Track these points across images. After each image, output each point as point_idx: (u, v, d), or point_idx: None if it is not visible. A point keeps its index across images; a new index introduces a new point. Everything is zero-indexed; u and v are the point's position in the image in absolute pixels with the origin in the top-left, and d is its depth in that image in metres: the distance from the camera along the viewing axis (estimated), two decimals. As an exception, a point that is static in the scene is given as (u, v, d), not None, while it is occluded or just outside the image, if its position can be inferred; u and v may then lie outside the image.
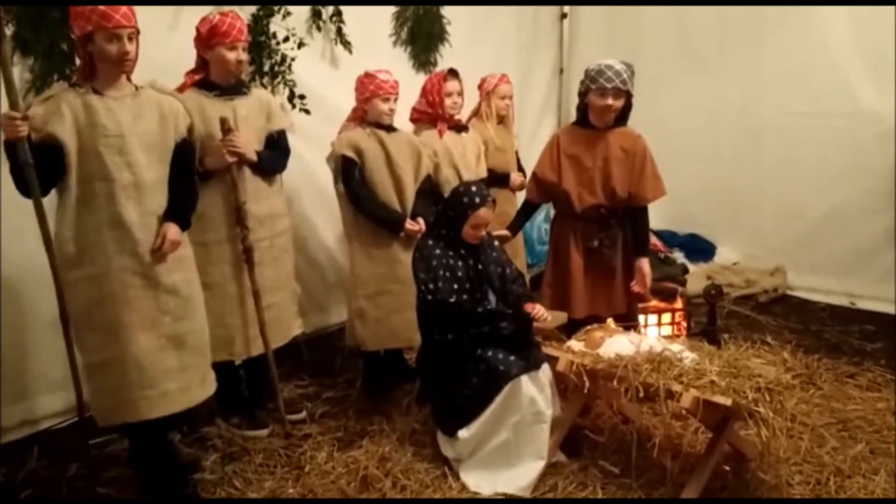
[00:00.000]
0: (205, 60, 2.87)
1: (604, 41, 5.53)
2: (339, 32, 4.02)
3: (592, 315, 3.16)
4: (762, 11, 4.83)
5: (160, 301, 2.46)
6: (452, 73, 3.52)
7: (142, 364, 2.42)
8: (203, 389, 2.63)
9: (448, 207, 2.86)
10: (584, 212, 3.13)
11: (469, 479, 2.69)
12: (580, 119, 3.20)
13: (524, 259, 4.14)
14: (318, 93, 3.86)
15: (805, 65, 4.67)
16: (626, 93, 3.04)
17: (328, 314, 4.28)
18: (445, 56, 4.68)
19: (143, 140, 2.40)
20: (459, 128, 3.65)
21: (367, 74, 3.20)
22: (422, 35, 4.58)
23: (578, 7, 5.78)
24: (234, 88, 2.90)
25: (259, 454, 2.93)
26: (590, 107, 3.10)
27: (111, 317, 2.39)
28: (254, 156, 2.87)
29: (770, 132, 4.94)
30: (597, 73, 3.00)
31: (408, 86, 3.49)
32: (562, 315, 3.33)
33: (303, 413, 3.27)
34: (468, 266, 2.83)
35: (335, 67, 4.09)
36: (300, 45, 3.73)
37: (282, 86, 3.73)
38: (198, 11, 2.97)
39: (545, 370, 2.74)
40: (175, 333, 2.50)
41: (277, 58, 3.68)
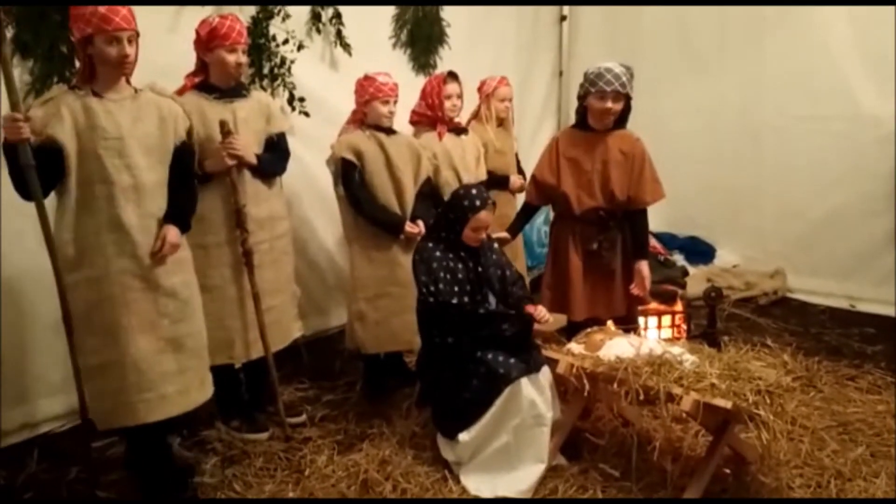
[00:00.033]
0: (204, 63, 2.87)
1: (603, 43, 5.53)
2: (339, 35, 4.02)
3: (592, 317, 3.16)
4: (762, 12, 4.83)
5: (159, 304, 2.46)
6: (452, 76, 3.52)
7: (140, 367, 2.42)
8: (201, 392, 2.63)
9: (448, 210, 2.86)
10: (583, 214, 3.13)
11: (469, 483, 2.68)
12: (579, 122, 3.20)
13: (524, 261, 4.14)
14: (318, 95, 3.86)
15: (805, 66, 4.67)
16: (626, 96, 3.04)
17: (328, 317, 4.28)
18: (445, 58, 4.69)
19: (143, 142, 2.40)
20: (459, 130, 3.65)
21: (367, 77, 3.20)
22: (421, 37, 4.59)
23: (578, 9, 5.78)
24: (234, 91, 2.90)
25: (259, 457, 2.93)
26: (589, 110, 3.10)
27: (110, 319, 2.39)
28: (253, 158, 2.87)
29: (770, 134, 4.94)
30: (596, 76, 3.00)
31: (407, 88, 3.50)
32: (562, 318, 3.33)
33: (303, 416, 3.26)
34: (468, 268, 2.83)
35: (335, 70, 4.10)
36: (300, 48, 3.73)
37: (281, 88, 3.73)
38: (198, 14, 2.98)
39: (545, 373, 2.73)
40: (174, 336, 2.50)
41: (277, 60, 3.69)
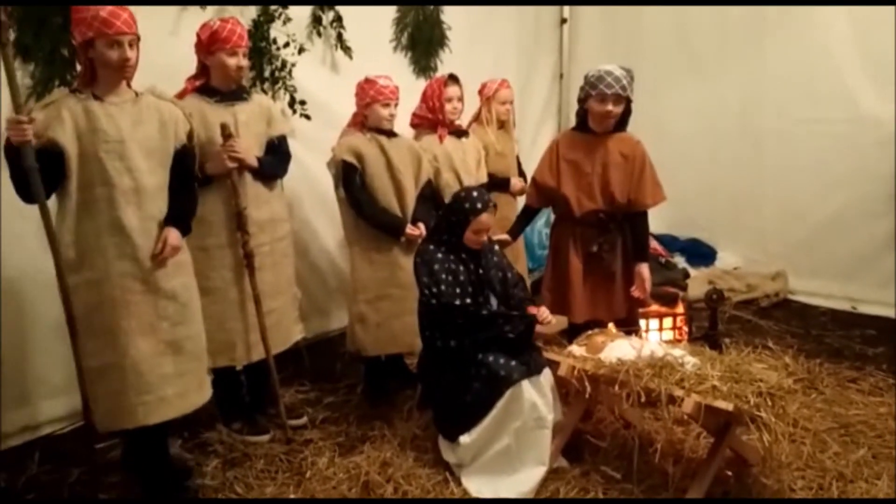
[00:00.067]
0: (205, 66, 2.88)
1: (604, 46, 5.54)
2: (340, 38, 4.03)
3: (593, 319, 3.16)
4: (762, 13, 4.84)
5: (159, 306, 2.46)
6: (453, 79, 3.53)
7: (140, 369, 2.42)
8: (200, 395, 2.63)
9: (449, 213, 2.86)
10: (584, 217, 3.13)
11: (471, 485, 2.68)
12: (580, 124, 3.20)
13: (525, 263, 4.14)
14: (319, 98, 3.87)
15: (805, 68, 4.68)
16: (626, 99, 3.04)
17: (329, 319, 4.28)
18: (446, 61, 4.70)
19: (143, 145, 2.40)
20: (460, 133, 3.66)
21: (368, 80, 3.21)
22: (422, 40, 4.60)
23: (578, 12, 5.80)
24: (235, 94, 2.90)
25: (260, 459, 2.93)
26: (589, 112, 3.10)
27: (110, 322, 2.39)
28: (254, 161, 2.88)
29: (771, 136, 4.94)
30: (596, 79, 3.00)
31: (408, 91, 3.50)
32: (563, 320, 3.33)
33: (304, 418, 3.26)
34: (470, 271, 2.83)
35: (335, 73, 4.10)
36: (301, 51, 3.74)
37: (282, 91, 3.74)
38: (199, 17, 2.98)
39: (546, 375, 2.73)
40: (173, 339, 2.50)
41: (278, 63, 3.70)
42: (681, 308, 3.95)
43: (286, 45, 3.68)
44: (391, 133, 3.27)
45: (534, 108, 5.68)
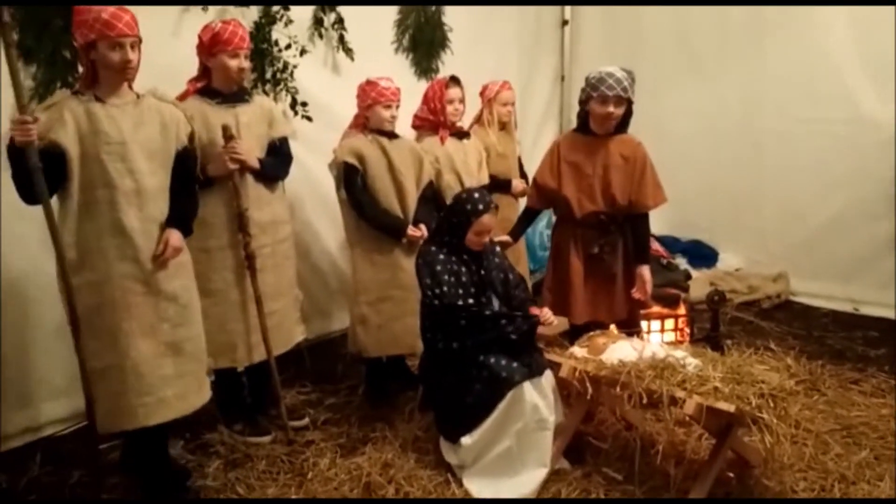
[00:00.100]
0: (207, 68, 2.88)
1: (605, 48, 5.54)
2: (341, 40, 4.03)
3: (593, 321, 3.16)
4: (762, 14, 4.84)
5: (160, 308, 2.47)
6: (454, 80, 3.53)
7: (140, 370, 2.43)
8: (199, 396, 2.64)
9: (451, 214, 2.86)
10: (584, 218, 3.13)
11: (472, 486, 2.68)
12: (581, 126, 3.20)
13: (526, 265, 4.14)
14: (320, 100, 3.87)
15: (806, 69, 4.68)
16: (627, 100, 3.04)
17: (330, 320, 4.28)
18: (447, 63, 4.70)
19: (145, 147, 2.41)
20: (461, 134, 3.66)
21: (369, 81, 3.21)
22: (423, 42, 4.60)
23: (579, 14, 5.80)
24: (237, 96, 2.91)
25: (262, 461, 2.93)
26: (591, 114, 3.10)
27: (111, 323, 2.39)
28: (256, 163, 2.88)
29: (771, 137, 4.94)
30: (598, 81, 3.00)
31: (409, 93, 3.50)
32: (565, 321, 3.33)
33: (305, 420, 3.26)
34: (471, 272, 2.83)
35: (337, 74, 4.11)
36: (302, 53, 3.75)
37: (284, 93, 3.74)
38: (200, 18, 2.98)
39: (548, 377, 2.73)
40: (173, 340, 2.51)
41: (279, 65, 3.70)
42: (682, 309, 3.95)
43: (288, 47, 3.69)
44: (392, 135, 3.27)
45: (535, 110, 5.68)
